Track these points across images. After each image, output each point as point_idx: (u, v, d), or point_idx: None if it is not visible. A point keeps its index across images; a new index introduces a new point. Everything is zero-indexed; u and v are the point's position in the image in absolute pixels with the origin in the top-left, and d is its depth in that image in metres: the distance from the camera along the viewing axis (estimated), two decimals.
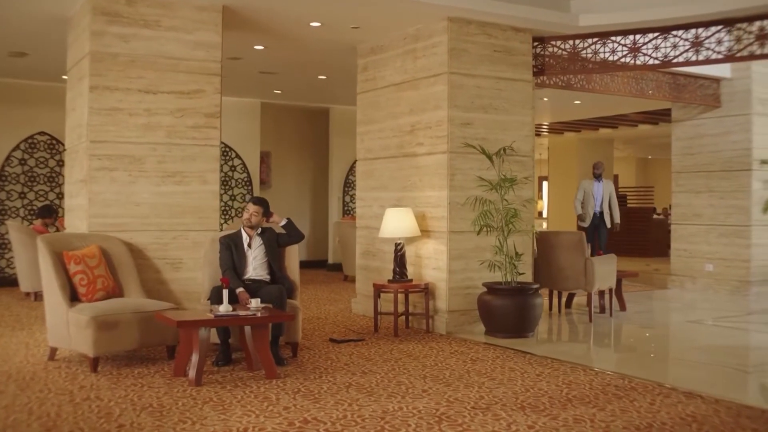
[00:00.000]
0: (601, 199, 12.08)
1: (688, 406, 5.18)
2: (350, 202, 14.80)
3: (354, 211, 14.66)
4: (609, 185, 12.28)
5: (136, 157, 7.19)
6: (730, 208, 11.09)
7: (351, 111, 14.63)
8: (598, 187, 12.10)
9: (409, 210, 8.16)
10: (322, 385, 5.71)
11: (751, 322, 9.31)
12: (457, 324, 8.03)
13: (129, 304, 6.44)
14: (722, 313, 9.68)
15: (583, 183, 12.26)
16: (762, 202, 10.92)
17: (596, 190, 12.09)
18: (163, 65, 7.27)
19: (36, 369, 6.22)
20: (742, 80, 10.92)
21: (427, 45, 8.23)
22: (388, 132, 8.88)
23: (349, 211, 14.71)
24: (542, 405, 5.22)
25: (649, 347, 7.78)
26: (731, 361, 7.07)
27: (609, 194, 12.15)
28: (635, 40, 8.36)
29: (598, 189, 12.09)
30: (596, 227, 12.12)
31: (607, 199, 12.13)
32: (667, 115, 15.50)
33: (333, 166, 14.79)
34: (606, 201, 12.10)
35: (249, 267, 6.88)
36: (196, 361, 5.74)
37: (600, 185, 12.11)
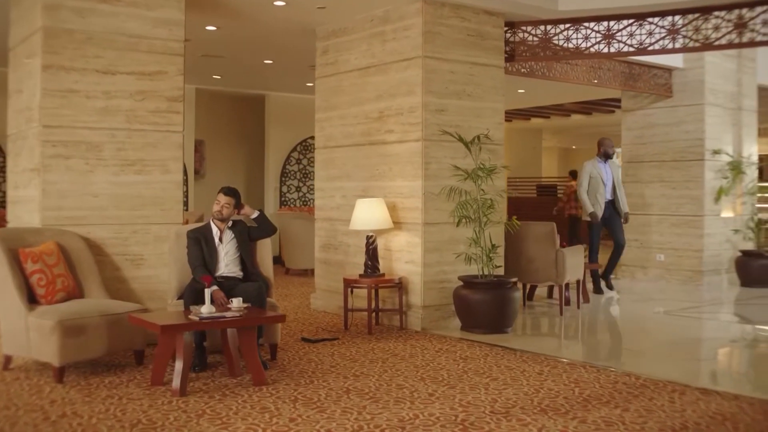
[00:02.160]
0: (612, 184, 10.07)
1: (710, 404, 5.01)
2: (287, 193, 14.25)
3: (294, 203, 14.19)
4: (616, 167, 10.36)
5: (93, 144, 6.55)
6: (683, 198, 11.08)
7: (289, 98, 14.15)
8: (606, 170, 10.05)
9: (381, 201, 7.74)
10: (318, 392, 5.27)
11: (721, 312, 9.29)
12: (432, 320, 7.68)
13: (95, 306, 5.83)
14: (687, 303, 9.63)
15: (588, 166, 10.11)
16: (714, 192, 10.96)
17: (605, 173, 10.03)
18: (122, 44, 6.64)
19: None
20: (695, 70, 10.91)
21: (398, 27, 7.82)
22: (352, 119, 8.44)
23: (287, 202, 14.17)
24: (562, 407, 4.94)
25: (636, 341, 7.56)
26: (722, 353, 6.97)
27: (617, 178, 10.23)
28: (609, 26, 8.15)
29: (607, 172, 10.05)
30: (606, 220, 10.10)
31: (618, 184, 10.22)
32: (604, 105, 15.61)
33: (269, 155, 14.21)
34: (617, 185, 10.17)
35: (221, 263, 6.35)
36: (180, 369, 5.20)
37: (608, 167, 10.09)
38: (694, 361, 6.79)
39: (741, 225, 11.26)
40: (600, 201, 9.96)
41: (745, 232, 11.13)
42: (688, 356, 6.94)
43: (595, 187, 10.00)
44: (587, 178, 10.01)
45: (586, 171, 10.05)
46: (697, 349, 7.35)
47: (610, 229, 10.15)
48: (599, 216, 9.93)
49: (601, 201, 9.97)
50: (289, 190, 14.20)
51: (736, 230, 11.07)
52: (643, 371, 5.94)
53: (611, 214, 10.09)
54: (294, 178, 14.27)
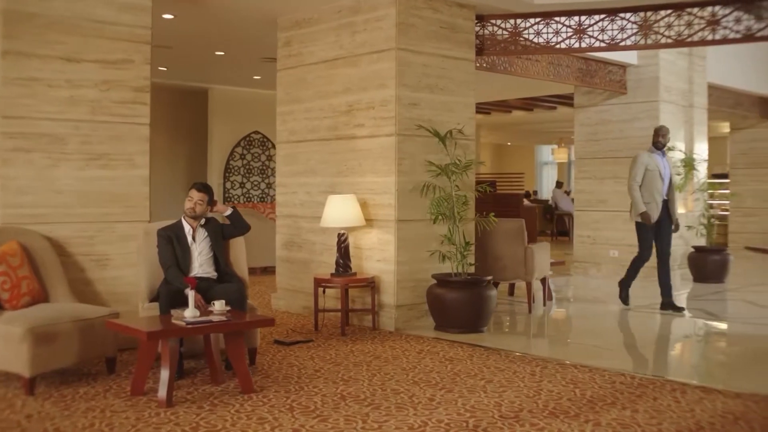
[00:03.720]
0: (669, 179, 8.51)
1: (715, 403, 4.94)
2: (231, 189, 13.81)
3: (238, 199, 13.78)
4: (671, 162, 8.83)
5: (56, 137, 6.11)
6: None
7: (234, 92, 13.73)
8: (665, 164, 8.48)
9: (353, 197, 7.47)
10: (312, 398, 4.99)
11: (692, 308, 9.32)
12: (405, 319, 7.46)
13: (65, 311, 5.42)
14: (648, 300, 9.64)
15: (643, 157, 8.49)
16: None
17: (663, 167, 8.44)
18: (87, 30, 6.20)
19: None
20: (649, 67, 10.95)
21: (369, 18, 7.56)
22: (317, 112, 8.14)
23: (231, 198, 13.74)
24: (570, 409, 4.79)
25: (612, 339, 7.47)
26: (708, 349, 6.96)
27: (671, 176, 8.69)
28: (580, 21, 8.06)
29: (665, 166, 8.47)
30: (658, 223, 8.46)
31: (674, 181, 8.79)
32: (546, 101, 15.65)
33: (212, 150, 13.75)
34: (674, 183, 8.85)
35: (194, 263, 6.01)
36: (167, 378, 4.84)
37: (665, 161, 8.53)
38: (678, 358, 6.77)
39: (693, 221, 11.37)
40: (657, 199, 8.41)
41: (698, 228, 11.24)
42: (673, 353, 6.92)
43: (651, 182, 8.40)
44: (642, 170, 8.41)
45: (641, 162, 8.45)
46: (678, 346, 7.33)
47: (655, 235, 8.59)
48: (653, 217, 8.41)
49: (659, 199, 8.42)
50: (233, 186, 13.77)
51: (689, 226, 11.16)
52: (635, 370, 5.87)
53: (663, 217, 8.51)
54: (238, 173, 13.85)
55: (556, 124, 19.16)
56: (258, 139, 14.06)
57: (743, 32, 7.51)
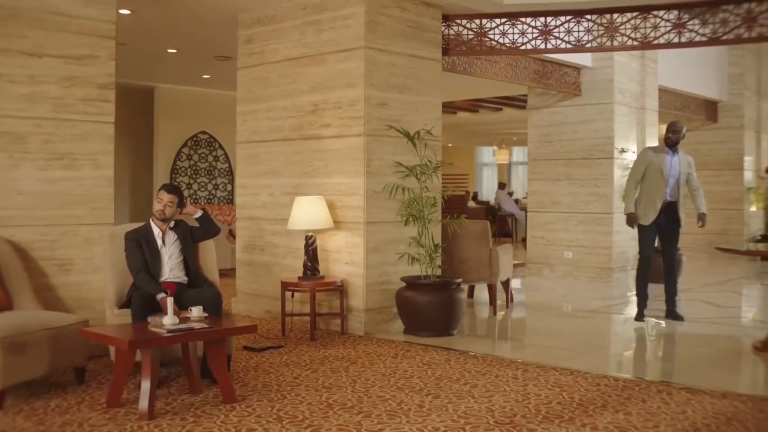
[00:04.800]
0: (676, 180, 7.82)
1: (703, 403, 4.96)
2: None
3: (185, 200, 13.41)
4: (687, 160, 8.01)
5: (17, 135, 5.78)
6: (591, 195, 11.16)
7: (180, 91, 13.39)
8: (672, 162, 7.83)
9: (321, 199, 7.29)
10: (298, 407, 4.82)
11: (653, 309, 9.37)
12: (374, 323, 7.31)
13: (33, 319, 5.11)
14: (611, 300, 9.72)
15: (645, 154, 8.03)
16: (621, 190, 11.10)
17: (669, 165, 7.80)
18: (50, 23, 5.89)
19: None
20: (604, 69, 11.01)
21: (337, 16, 7.40)
22: (281, 111, 7.94)
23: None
24: (563, 413, 4.74)
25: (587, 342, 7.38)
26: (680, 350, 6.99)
27: (688, 174, 7.95)
28: (546, 22, 8.04)
29: (672, 164, 7.82)
30: (660, 226, 7.92)
31: (685, 181, 7.93)
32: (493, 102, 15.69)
33: (158, 150, 13.35)
34: (682, 184, 7.90)
35: (164, 267, 5.77)
36: (148, 389, 4.60)
37: (676, 159, 7.86)
38: (654, 359, 6.78)
39: None
40: (656, 201, 7.80)
41: None
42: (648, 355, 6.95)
43: (651, 181, 7.82)
44: (641, 168, 7.89)
45: (642, 160, 7.96)
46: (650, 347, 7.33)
47: (660, 239, 8.10)
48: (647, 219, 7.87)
49: (657, 201, 7.80)
50: (180, 187, 13.40)
51: None
52: (616, 372, 5.86)
53: (668, 220, 7.89)
54: (185, 174, 13.50)
55: (500, 126, 19.25)
56: (205, 139, 13.73)
57: (709, 35, 7.58)
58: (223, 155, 13.91)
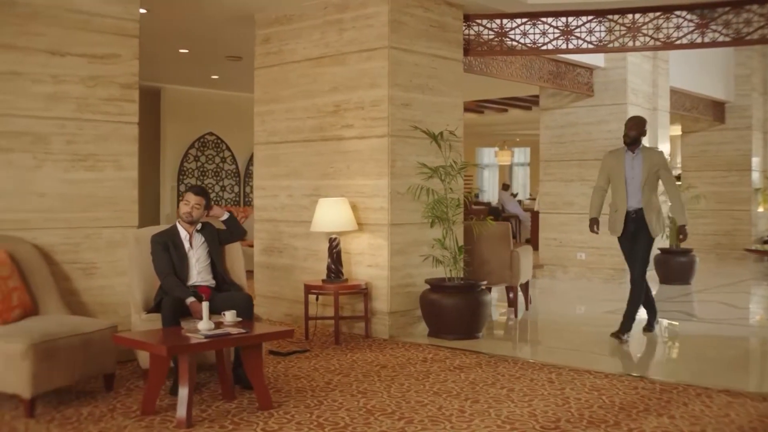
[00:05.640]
0: (640, 183, 6.93)
1: (746, 407, 4.88)
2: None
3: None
4: (654, 158, 7.03)
5: (39, 136, 5.65)
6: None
7: (188, 92, 13.29)
8: (633, 163, 6.99)
9: (345, 200, 7.19)
10: (337, 413, 4.72)
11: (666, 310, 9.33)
12: (398, 326, 7.22)
13: (63, 325, 4.99)
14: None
15: (607, 158, 7.29)
16: None
17: (629, 168, 6.99)
18: (71, 21, 5.77)
19: None
20: (617, 70, 10.96)
21: (359, 16, 7.31)
22: (300, 112, 7.84)
23: None
24: (607, 417, 4.66)
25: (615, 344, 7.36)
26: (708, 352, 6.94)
27: (656, 174, 6.99)
28: (567, 22, 7.96)
29: (633, 166, 6.98)
30: (629, 236, 7.07)
31: (653, 183, 6.98)
32: (498, 103, 15.63)
33: (165, 151, 13.24)
34: (649, 187, 6.95)
35: (192, 271, 5.67)
36: (186, 396, 4.49)
37: (637, 159, 6.97)
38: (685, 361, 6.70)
39: None
40: (620, 208, 7.03)
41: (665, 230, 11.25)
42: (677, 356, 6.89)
43: (614, 188, 7.13)
44: (603, 174, 7.24)
45: (602, 164, 7.30)
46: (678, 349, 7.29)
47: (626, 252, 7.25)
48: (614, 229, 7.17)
49: (622, 208, 7.02)
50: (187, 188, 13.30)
51: None
52: (652, 375, 5.78)
53: (637, 228, 7.02)
54: (192, 176, 13.39)
55: (504, 127, 19.19)
56: (212, 140, 13.63)
57: (732, 35, 7.52)
58: (230, 157, 13.80)
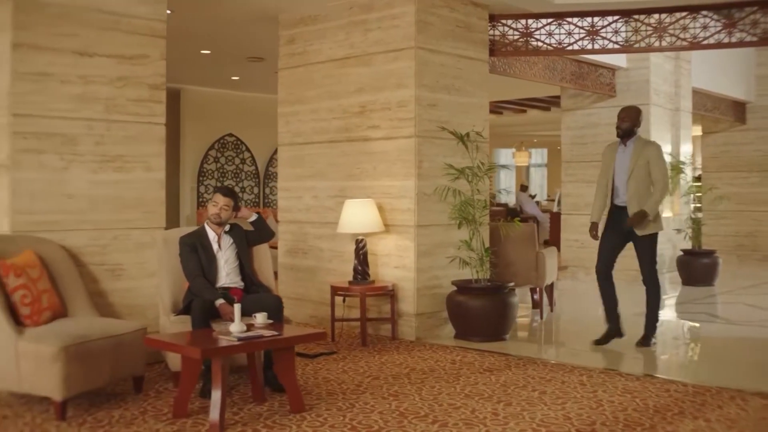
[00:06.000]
0: (626, 176, 6.55)
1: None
2: (205, 193, 13.33)
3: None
4: (645, 150, 6.56)
5: (69, 137, 5.64)
6: None
7: (207, 93, 13.29)
8: (623, 156, 6.61)
9: (371, 201, 7.17)
10: (370, 416, 4.69)
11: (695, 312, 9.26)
12: (425, 328, 7.19)
13: (93, 327, 4.97)
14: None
15: (605, 150, 6.92)
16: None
17: (620, 161, 6.62)
18: (100, 21, 5.76)
19: None
20: (640, 71, 10.90)
21: (385, 16, 7.28)
22: (325, 113, 7.82)
23: (205, 203, 13.26)
24: (642, 420, 4.62)
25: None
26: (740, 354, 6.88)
27: (645, 166, 6.51)
28: (593, 22, 7.92)
29: (623, 159, 6.61)
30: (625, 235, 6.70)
31: (641, 177, 6.52)
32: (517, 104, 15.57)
33: (185, 152, 13.24)
34: (636, 180, 6.52)
35: (221, 272, 5.65)
36: (219, 400, 4.45)
37: (628, 151, 6.60)
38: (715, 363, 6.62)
39: (680, 224, 11.34)
40: (608, 203, 6.72)
41: (687, 231, 11.20)
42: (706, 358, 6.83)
43: (604, 180, 6.76)
44: (602, 168, 6.81)
45: (602, 158, 6.89)
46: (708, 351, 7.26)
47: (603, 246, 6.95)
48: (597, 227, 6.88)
49: (608, 203, 6.72)
50: (207, 190, 13.30)
51: (678, 230, 11.14)
52: (682, 377, 5.73)
53: (610, 227, 6.78)
54: (212, 177, 13.39)
55: (522, 128, 19.14)
56: (232, 141, 13.64)
57: (760, 35, 7.46)
58: (250, 158, 13.80)
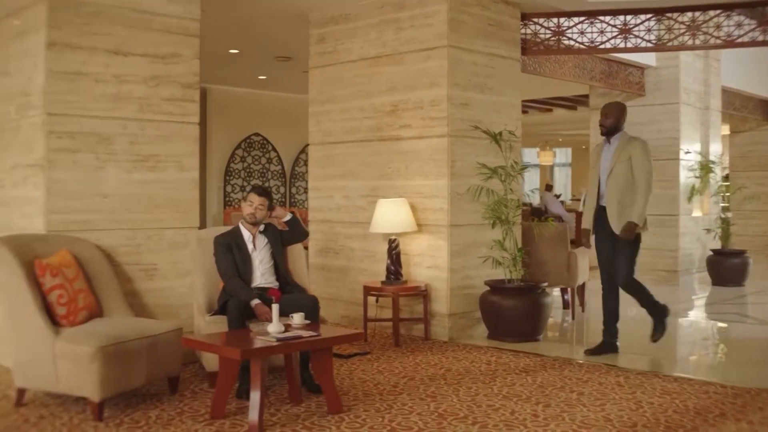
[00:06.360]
0: (606, 176, 6.25)
1: None
2: (232, 193, 13.34)
3: (239, 203, 13.33)
4: (628, 147, 6.21)
5: (103, 136, 5.64)
6: (656, 197, 10.79)
7: (234, 92, 13.30)
8: (606, 155, 6.29)
9: (404, 201, 7.14)
10: (409, 418, 4.65)
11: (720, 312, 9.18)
12: (458, 328, 7.15)
13: (130, 327, 4.95)
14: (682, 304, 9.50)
15: (592, 153, 6.72)
16: (688, 191, 10.89)
17: (603, 160, 6.31)
18: (134, 20, 5.76)
19: (15, 422, 4.57)
20: (669, 69, 10.79)
21: (417, 14, 7.24)
22: (356, 112, 7.79)
23: (231, 202, 13.27)
24: (683, 423, 4.57)
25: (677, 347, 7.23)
26: None
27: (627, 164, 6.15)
28: (626, 20, 7.84)
29: (606, 158, 6.29)
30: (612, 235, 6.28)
31: (621, 175, 6.17)
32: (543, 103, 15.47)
33: (212, 152, 13.25)
34: (616, 179, 6.18)
35: (256, 272, 5.62)
36: (258, 401, 4.42)
37: (611, 149, 6.27)
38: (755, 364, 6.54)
39: (710, 224, 11.23)
40: (593, 205, 6.39)
41: (716, 231, 11.09)
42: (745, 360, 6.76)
43: (594, 184, 6.39)
44: (591, 170, 6.52)
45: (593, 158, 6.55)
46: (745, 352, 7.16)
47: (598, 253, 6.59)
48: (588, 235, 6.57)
49: (591, 203, 6.43)
50: (234, 189, 13.31)
51: (708, 229, 11.04)
52: (723, 379, 5.66)
53: (599, 228, 6.43)
54: (238, 177, 13.41)
55: (547, 127, 19.03)
56: (258, 141, 13.64)
57: None
58: (276, 157, 13.80)
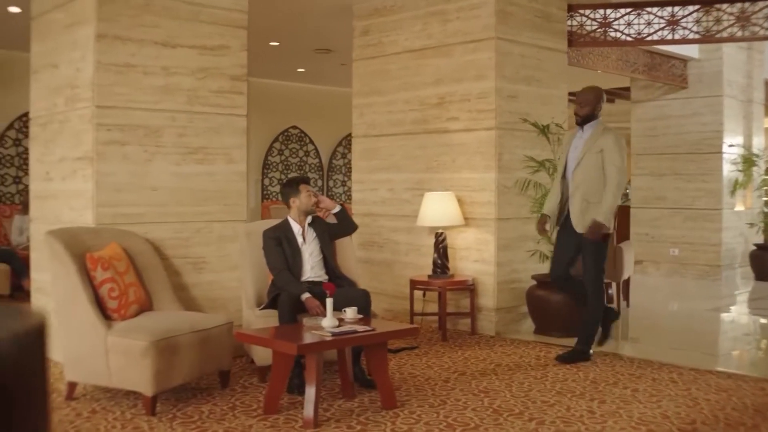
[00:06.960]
0: (575, 164, 5.82)
1: None
2: (270, 186, 13.35)
3: (277, 196, 13.34)
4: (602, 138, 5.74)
5: (152, 129, 5.63)
6: (698, 191, 10.80)
7: (272, 85, 13.28)
8: (577, 144, 5.87)
9: (451, 194, 7.09)
10: (464, 413, 4.60)
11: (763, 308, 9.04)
12: (504, 323, 7.10)
13: (181, 321, 4.91)
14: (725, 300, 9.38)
15: (564, 139, 6.62)
16: (731, 185, 10.75)
17: (572, 149, 5.90)
18: (182, 12, 5.74)
19: (68, 416, 4.54)
20: (712, 62, 10.66)
21: (464, 6, 7.18)
22: (402, 105, 7.74)
23: (270, 196, 13.28)
24: (743, 420, 4.50)
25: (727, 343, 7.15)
26: None
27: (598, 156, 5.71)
28: (673, 12, 7.73)
29: (576, 146, 5.87)
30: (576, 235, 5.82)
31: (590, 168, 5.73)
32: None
33: (249, 145, 13.14)
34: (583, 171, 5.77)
35: (305, 266, 5.57)
36: (313, 396, 4.38)
37: (582, 138, 5.84)
38: None
39: (753, 218, 11.08)
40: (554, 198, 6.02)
41: (759, 225, 10.94)
42: None
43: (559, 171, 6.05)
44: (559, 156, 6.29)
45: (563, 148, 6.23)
46: None
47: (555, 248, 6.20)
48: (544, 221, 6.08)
49: (554, 198, 6.01)
50: (272, 182, 13.32)
51: (751, 224, 10.89)
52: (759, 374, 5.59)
53: (562, 226, 6.01)
54: (276, 170, 13.40)
55: None
56: (296, 134, 13.63)
57: None
58: (314, 150, 13.79)
